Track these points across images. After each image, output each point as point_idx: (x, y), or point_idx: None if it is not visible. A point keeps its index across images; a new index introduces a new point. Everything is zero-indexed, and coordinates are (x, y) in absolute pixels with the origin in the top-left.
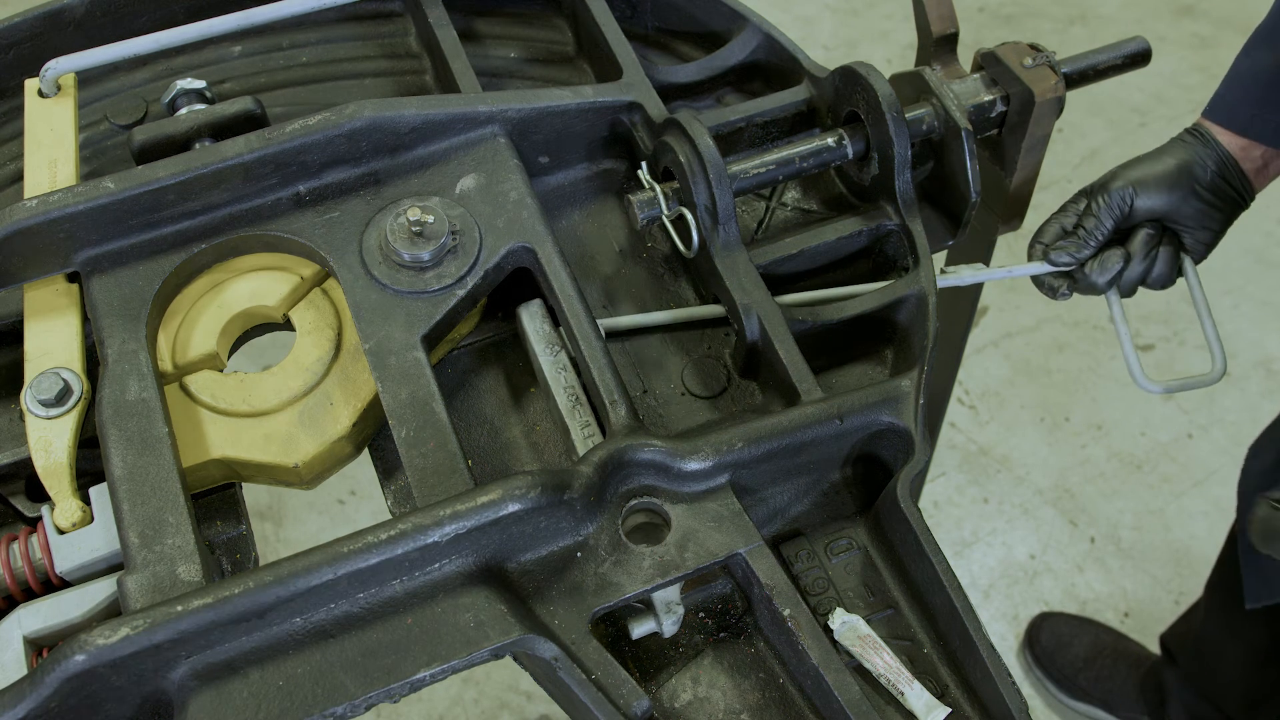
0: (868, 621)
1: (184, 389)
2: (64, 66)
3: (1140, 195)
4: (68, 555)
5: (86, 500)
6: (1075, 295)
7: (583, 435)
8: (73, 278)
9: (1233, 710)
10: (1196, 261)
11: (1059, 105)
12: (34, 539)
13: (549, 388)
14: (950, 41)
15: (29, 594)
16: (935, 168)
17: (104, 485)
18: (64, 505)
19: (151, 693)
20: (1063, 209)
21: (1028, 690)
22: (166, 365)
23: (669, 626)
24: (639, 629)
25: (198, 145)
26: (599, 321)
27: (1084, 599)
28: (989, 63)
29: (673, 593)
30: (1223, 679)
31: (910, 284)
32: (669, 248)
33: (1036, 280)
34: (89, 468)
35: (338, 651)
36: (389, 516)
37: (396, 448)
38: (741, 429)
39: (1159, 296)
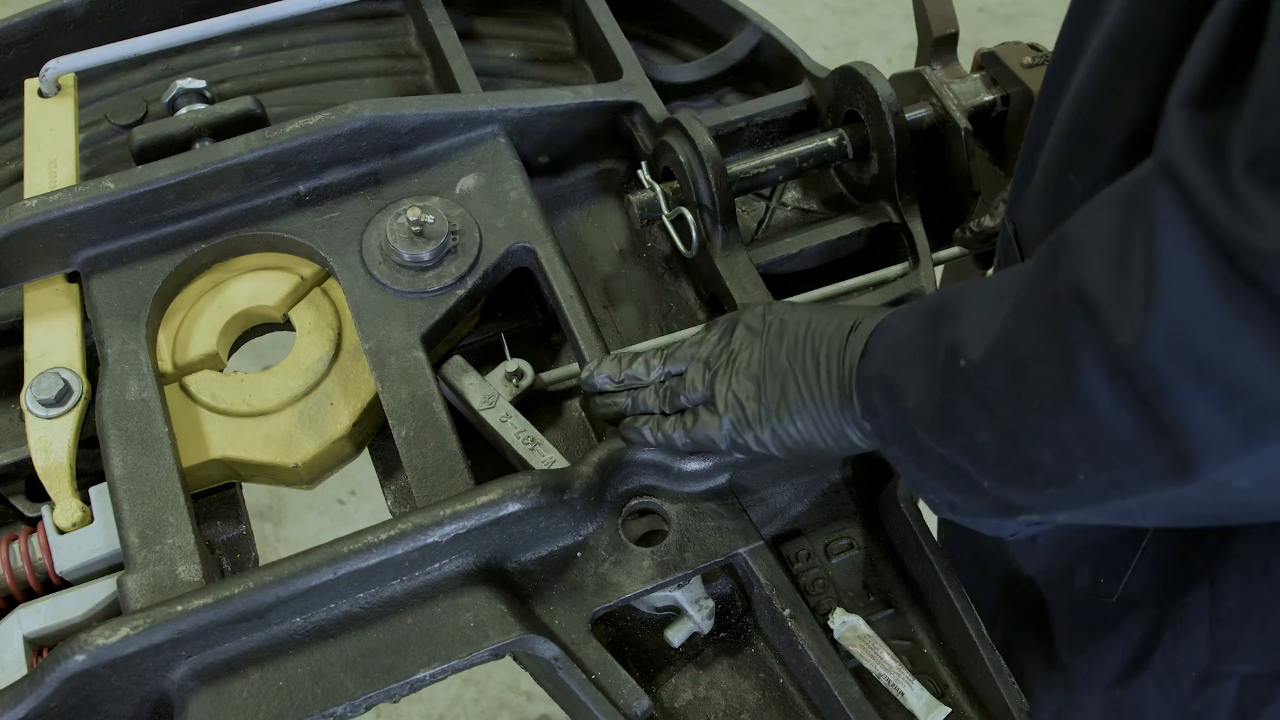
0: (868, 621)
1: (184, 389)
2: (64, 66)
3: None
4: (68, 555)
5: (86, 500)
6: None
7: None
8: (73, 278)
9: None
10: None
11: None
12: (34, 539)
13: (502, 441)
14: (950, 41)
15: (29, 594)
16: (935, 168)
17: (104, 485)
18: (64, 505)
19: (151, 693)
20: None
21: None
22: (166, 365)
23: (704, 622)
24: (678, 636)
25: (198, 145)
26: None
27: None
28: (989, 63)
29: (697, 588)
30: None
31: (910, 284)
32: (669, 248)
33: None
34: (89, 468)
35: (338, 651)
36: (389, 516)
37: (396, 448)
38: None
39: None
